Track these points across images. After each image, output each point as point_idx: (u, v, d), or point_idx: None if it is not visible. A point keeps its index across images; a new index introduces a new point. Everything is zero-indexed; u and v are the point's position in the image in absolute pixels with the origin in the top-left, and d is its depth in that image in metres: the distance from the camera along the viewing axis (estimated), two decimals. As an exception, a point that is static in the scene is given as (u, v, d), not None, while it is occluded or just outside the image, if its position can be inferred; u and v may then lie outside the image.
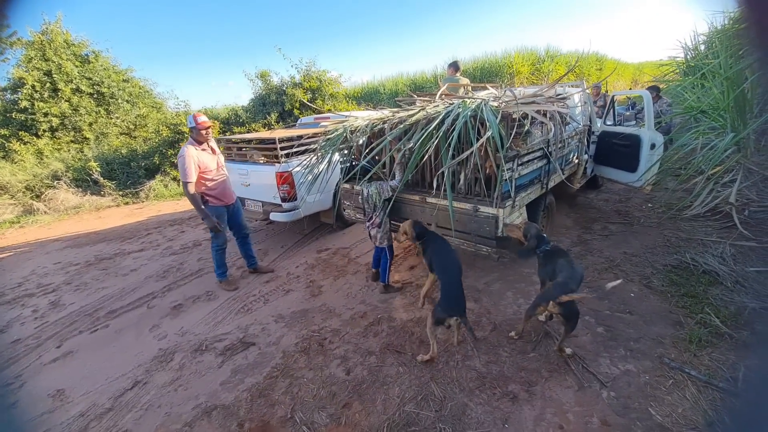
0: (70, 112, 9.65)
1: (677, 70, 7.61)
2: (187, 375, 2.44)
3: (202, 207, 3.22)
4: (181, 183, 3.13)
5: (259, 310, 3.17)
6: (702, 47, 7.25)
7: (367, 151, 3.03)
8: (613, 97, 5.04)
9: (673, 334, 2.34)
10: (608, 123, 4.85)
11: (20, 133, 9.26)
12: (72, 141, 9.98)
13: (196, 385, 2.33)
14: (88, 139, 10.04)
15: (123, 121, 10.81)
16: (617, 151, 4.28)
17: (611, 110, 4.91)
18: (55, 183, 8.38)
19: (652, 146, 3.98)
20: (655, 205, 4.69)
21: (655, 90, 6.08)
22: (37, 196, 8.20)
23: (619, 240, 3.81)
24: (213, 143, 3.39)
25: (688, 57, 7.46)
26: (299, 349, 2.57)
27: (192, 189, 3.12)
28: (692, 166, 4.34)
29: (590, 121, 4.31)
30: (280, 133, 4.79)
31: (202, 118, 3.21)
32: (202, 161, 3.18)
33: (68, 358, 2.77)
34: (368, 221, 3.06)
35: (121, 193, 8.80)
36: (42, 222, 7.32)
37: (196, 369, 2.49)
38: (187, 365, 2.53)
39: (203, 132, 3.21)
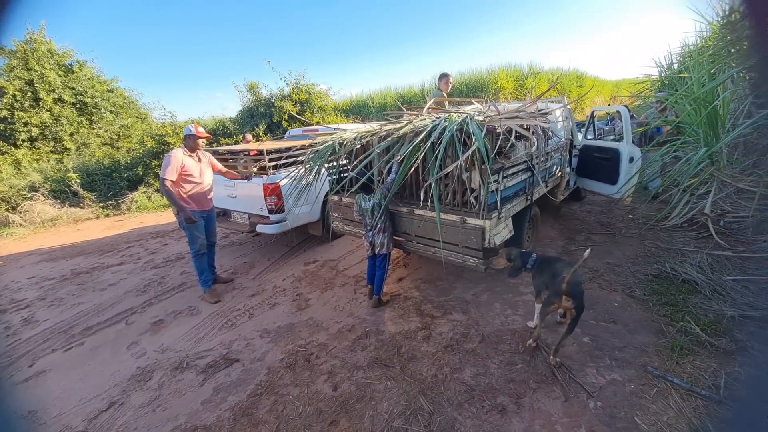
0: (51, 121, 9.44)
1: (653, 88, 7.97)
2: (166, 394, 2.34)
3: (178, 201, 3.32)
4: (159, 180, 3.39)
5: (244, 325, 3.09)
6: (675, 65, 7.64)
7: (356, 162, 3.05)
8: (592, 112, 5.23)
9: (656, 342, 2.38)
10: (589, 137, 5.02)
11: (-3, 143, 8.98)
12: (52, 151, 9.72)
13: (176, 405, 2.24)
14: (68, 149, 9.81)
15: (106, 131, 10.62)
16: (598, 164, 4.41)
17: (591, 125, 5.09)
18: (32, 194, 8.10)
19: (631, 159, 4.12)
20: (636, 216, 4.83)
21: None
22: (13, 208, 7.91)
23: (602, 250, 3.89)
24: (205, 156, 3.65)
25: (663, 75, 7.84)
26: (285, 365, 2.51)
27: (169, 186, 3.26)
28: (669, 178, 4.51)
29: (572, 135, 4.45)
30: (268, 144, 4.78)
31: (201, 129, 3.53)
32: (186, 165, 3.36)
33: (41, 377, 2.63)
34: (370, 230, 3.02)
35: (101, 204, 8.57)
36: (17, 235, 7.04)
37: (176, 388, 2.39)
38: (166, 384, 2.43)
39: (200, 142, 3.52)
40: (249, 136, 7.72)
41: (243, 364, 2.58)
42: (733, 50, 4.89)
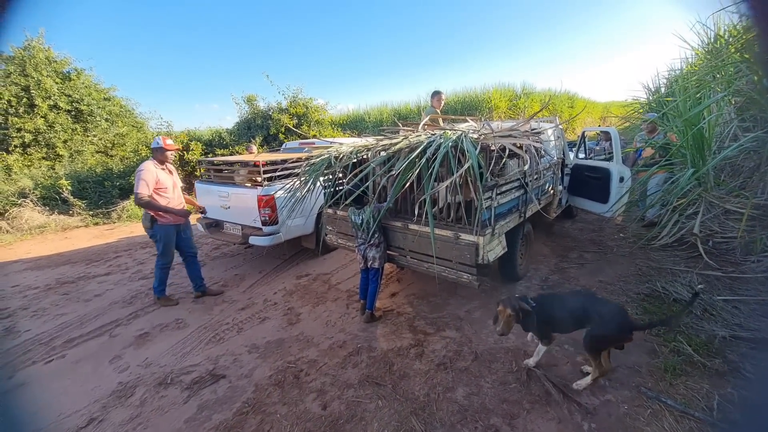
0: (45, 128, 9.36)
1: (641, 110, 8.22)
2: (148, 412, 2.25)
3: (163, 207, 3.36)
4: (134, 195, 3.39)
5: (232, 340, 3.01)
6: (662, 89, 7.92)
7: (351, 175, 3.06)
8: (583, 132, 5.35)
9: (649, 362, 2.37)
10: (580, 156, 5.12)
11: (-11, 148, 8.87)
12: (44, 158, 9.60)
13: (158, 424, 2.15)
14: (61, 156, 9.70)
15: (100, 139, 10.56)
16: (589, 183, 4.49)
17: (582, 145, 5.20)
18: (21, 201, 7.96)
19: (621, 179, 4.19)
20: (627, 234, 4.88)
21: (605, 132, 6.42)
22: (0, 214, 7.73)
23: (594, 268, 3.91)
24: (170, 166, 3.61)
25: (650, 98, 8.11)
26: (273, 382, 2.44)
27: (147, 199, 3.28)
28: (660, 200, 4.59)
29: (563, 154, 4.54)
30: (263, 156, 4.78)
31: (170, 142, 3.50)
32: (159, 178, 3.37)
33: (19, 391, 2.52)
34: (362, 244, 3.00)
35: (91, 213, 8.43)
36: (2, 241, 6.86)
37: (159, 405, 2.30)
38: (148, 401, 2.34)
39: (168, 154, 3.48)
40: (253, 147, 7.68)
41: (230, 380, 2.50)
42: (718, 76, 5.08)
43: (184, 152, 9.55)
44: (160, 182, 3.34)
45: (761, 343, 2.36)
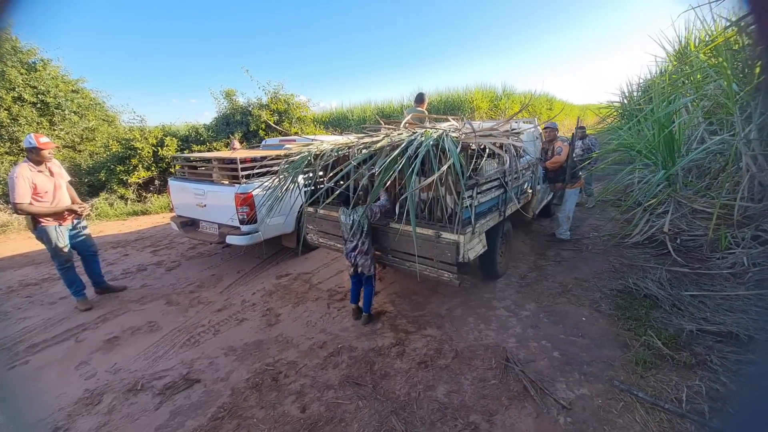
0: (8, 121, 8.80)
1: (616, 113, 8.53)
2: (117, 420, 2.14)
3: (46, 212, 3.15)
4: (11, 204, 3.09)
5: (208, 342, 2.91)
6: (635, 94, 8.23)
7: (332, 174, 3.01)
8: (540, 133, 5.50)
9: (622, 356, 2.45)
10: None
11: (-55, 143, 8.26)
12: (6, 152, 9.04)
13: (127, 432, 2.05)
14: (25, 151, 9.18)
15: (68, 133, 10.02)
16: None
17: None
18: (-21, 199, 7.48)
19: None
20: (601, 233, 5.04)
21: (581, 129, 6.67)
22: (-43, 213, 7.24)
23: (570, 266, 4.02)
24: (56, 166, 3.33)
25: (625, 102, 8.42)
26: (250, 385, 2.37)
27: (25, 208, 3.04)
28: (631, 198, 4.77)
29: (541, 155, 4.63)
30: (241, 153, 4.66)
31: (44, 139, 3.13)
32: (37, 183, 3.07)
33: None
34: (352, 250, 2.88)
35: (58, 211, 8.01)
36: (-43, 242, 6.42)
37: (128, 412, 2.19)
38: (117, 408, 2.23)
39: (45, 153, 3.14)
40: (236, 143, 7.30)
41: (205, 384, 2.41)
42: (686, 82, 5.32)
43: (158, 148, 9.20)
44: (37, 188, 3.05)
45: (726, 337, 2.48)
